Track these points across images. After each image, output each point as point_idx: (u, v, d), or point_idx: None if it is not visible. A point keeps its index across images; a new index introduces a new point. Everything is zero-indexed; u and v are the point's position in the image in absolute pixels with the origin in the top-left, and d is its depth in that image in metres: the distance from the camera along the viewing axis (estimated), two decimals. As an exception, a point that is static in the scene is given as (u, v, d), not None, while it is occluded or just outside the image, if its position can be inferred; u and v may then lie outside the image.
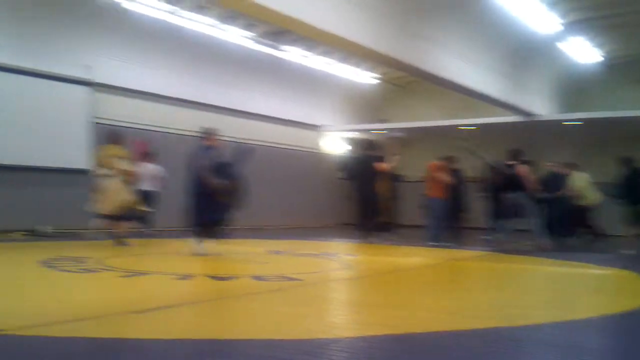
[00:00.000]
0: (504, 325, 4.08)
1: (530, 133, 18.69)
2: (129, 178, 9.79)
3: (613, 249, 11.92)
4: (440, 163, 11.53)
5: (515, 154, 11.14)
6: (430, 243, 11.09)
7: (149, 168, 13.14)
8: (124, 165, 9.65)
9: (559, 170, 13.16)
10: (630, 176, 11.80)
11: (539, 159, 15.20)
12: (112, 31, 13.66)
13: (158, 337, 3.44)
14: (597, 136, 18.51)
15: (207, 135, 8.94)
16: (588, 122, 17.10)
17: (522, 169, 10.82)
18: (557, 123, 17.84)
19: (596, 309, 5.04)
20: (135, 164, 10.10)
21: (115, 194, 9.41)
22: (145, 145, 12.08)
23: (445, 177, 11.26)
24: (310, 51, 16.89)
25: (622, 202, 11.89)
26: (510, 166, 10.99)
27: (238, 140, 16.87)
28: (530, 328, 4.04)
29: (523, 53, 15.56)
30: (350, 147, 17.57)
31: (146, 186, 12.85)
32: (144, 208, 10.04)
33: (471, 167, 12.98)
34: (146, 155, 13.25)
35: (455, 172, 11.82)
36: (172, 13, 13.27)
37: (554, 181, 12.73)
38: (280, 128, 18.78)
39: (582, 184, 13.11)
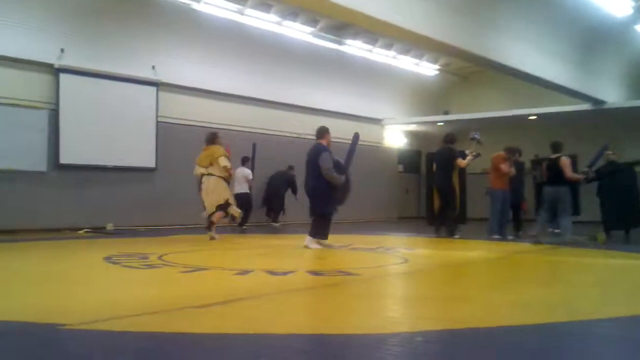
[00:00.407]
0: (566, 319, 3.93)
1: (600, 121, 18.06)
2: (229, 176, 10.38)
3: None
4: (503, 154, 11.26)
5: (556, 147, 10.78)
6: (494, 236, 10.86)
7: (244, 171, 13.50)
8: (227, 163, 10.12)
9: (617, 159, 12.59)
10: None
11: (612, 148, 14.65)
12: (177, 31, 13.96)
13: (216, 332, 3.47)
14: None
15: (322, 134, 9.52)
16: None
17: (564, 162, 10.42)
18: (629, 110, 17.11)
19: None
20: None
21: (217, 192, 10.00)
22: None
23: (508, 169, 10.99)
24: (372, 44, 16.81)
25: None
26: (553, 159, 10.59)
27: (301, 136, 17.07)
28: (595, 323, 3.88)
29: (592, 38, 14.98)
30: (407, 140, 17.42)
31: (239, 189, 13.24)
32: (237, 209, 10.48)
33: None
34: (243, 159, 13.79)
35: (517, 164, 11.52)
36: (236, 12, 13.47)
37: (613, 171, 12.22)
38: (343, 122, 18.71)
39: None
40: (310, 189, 8.99)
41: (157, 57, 13.78)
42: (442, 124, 19.65)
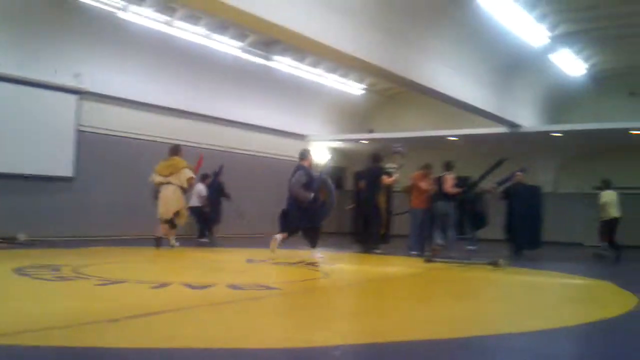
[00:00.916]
0: (480, 334, 4.06)
1: (516, 144, 18.80)
2: (189, 187, 11.02)
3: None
4: (421, 172, 11.63)
5: (447, 166, 11.66)
6: (412, 252, 11.13)
7: (198, 187, 13.28)
8: (191, 174, 10.85)
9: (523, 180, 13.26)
10: None
11: (529, 170, 15.31)
12: (103, 40, 13.58)
13: (131, 346, 3.39)
14: (582, 147, 18.66)
15: (304, 156, 10.58)
16: (573, 133, 17.20)
17: (446, 178, 11.30)
18: (543, 134, 17.92)
19: (573, 317, 5.03)
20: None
21: (171, 201, 10.54)
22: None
23: (427, 186, 11.46)
24: (299, 61, 16.94)
25: None
26: (439, 177, 11.44)
27: (226, 149, 16.96)
28: (506, 337, 4.03)
29: (511, 65, 15.64)
30: (330, 157, 17.63)
31: (191, 202, 13.05)
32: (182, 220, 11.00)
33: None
34: (204, 176, 13.76)
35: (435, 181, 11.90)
36: (164, 23, 13.28)
37: (520, 191, 12.86)
38: (268, 137, 18.77)
39: (607, 200, 13.14)
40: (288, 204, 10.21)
41: (81, 65, 13.37)
42: (366, 142, 19.97)
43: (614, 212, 13.01)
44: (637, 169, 17.37)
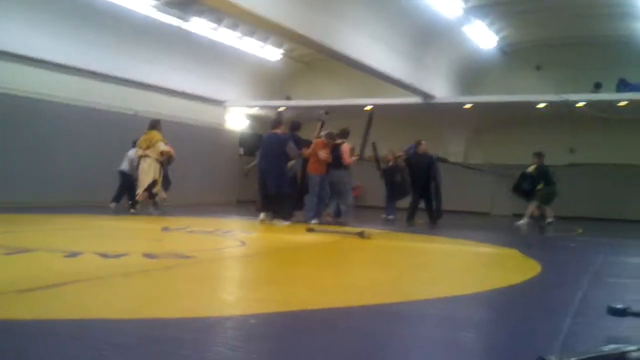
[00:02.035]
0: (395, 301, 4.19)
1: (429, 114, 19.26)
2: (169, 158, 11.76)
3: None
4: (323, 140, 11.52)
5: (343, 133, 11.66)
6: (313, 220, 11.09)
7: (130, 152, 12.79)
8: (164, 147, 11.52)
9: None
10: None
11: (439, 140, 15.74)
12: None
13: (39, 318, 3.28)
14: (491, 119, 19.34)
15: (279, 122, 10.89)
16: (483, 105, 17.78)
17: (345, 147, 11.36)
18: (455, 105, 18.42)
19: (481, 284, 5.27)
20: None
21: (148, 172, 11.36)
22: None
23: (325, 155, 11.23)
24: (216, 23, 16.60)
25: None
26: (336, 145, 11.40)
27: (141, 114, 16.48)
28: (419, 303, 4.18)
29: (427, 35, 15.93)
30: (249, 123, 17.47)
31: (123, 166, 12.78)
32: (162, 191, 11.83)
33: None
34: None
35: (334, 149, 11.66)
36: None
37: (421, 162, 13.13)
38: (184, 102, 18.39)
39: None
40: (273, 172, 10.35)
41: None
42: (283, 108, 19.92)
43: None
44: (542, 142, 18.18)
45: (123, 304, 3.75)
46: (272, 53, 19.47)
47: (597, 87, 17.18)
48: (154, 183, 11.41)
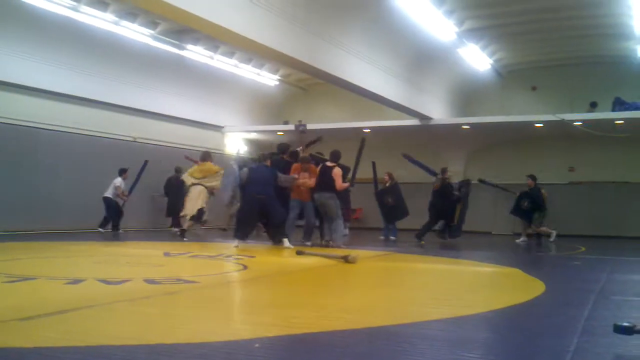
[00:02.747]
0: (396, 322, 4.17)
1: (427, 136, 19.34)
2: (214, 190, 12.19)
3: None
4: (298, 165, 11.36)
5: (334, 155, 11.27)
6: (307, 243, 11.14)
7: (117, 179, 13.64)
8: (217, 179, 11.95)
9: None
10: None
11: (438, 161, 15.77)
12: (5, 23, 12.93)
13: (42, 345, 3.26)
14: (489, 139, 19.42)
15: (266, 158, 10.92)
16: (480, 126, 17.87)
17: (337, 172, 10.95)
18: (452, 127, 18.52)
19: (485, 304, 5.24)
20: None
21: (197, 200, 11.97)
22: None
23: (303, 180, 11.07)
24: (213, 51, 16.73)
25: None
26: (328, 167, 11.05)
27: (139, 140, 16.55)
28: (422, 324, 4.15)
29: (422, 58, 16.06)
30: (248, 148, 17.50)
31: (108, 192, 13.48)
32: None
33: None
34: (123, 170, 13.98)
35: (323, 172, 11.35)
36: (71, 8, 12.76)
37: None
38: (183, 128, 18.46)
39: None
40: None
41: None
42: (282, 133, 19.99)
43: None
44: (540, 161, 18.22)
45: (127, 330, 3.73)
46: (269, 79, 19.60)
47: (593, 106, 17.29)
48: (201, 211, 12.01)
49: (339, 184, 10.86)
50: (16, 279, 5.81)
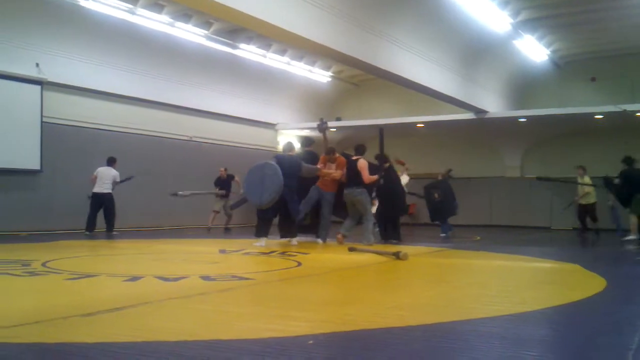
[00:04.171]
0: (451, 319, 4.11)
1: (483, 129, 19.04)
2: None
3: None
4: (323, 156, 11.12)
5: (359, 149, 10.93)
6: (319, 240, 10.83)
7: (111, 172, 12.94)
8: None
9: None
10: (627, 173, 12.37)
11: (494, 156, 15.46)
12: (65, 28, 13.40)
13: (103, 341, 3.35)
14: (547, 132, 18.97)
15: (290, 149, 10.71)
16: (538, 118, 17.48)
17: (362, 163, 10.56)
18: (509, 120, 18.18)
19: (543, 301, 5.13)
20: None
21: None
22: None
23: (330, 171, 10.77)
24: (265, 49, 16.86)
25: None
26: (353, 161, 10.70)
27: (195, 139, 16.86)
28: (477, 322, 4.09)
29: (476, 51, 15.80)
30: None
31: (101, 189, 12.72)
32: None
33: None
34: (109, 160, 13.24)
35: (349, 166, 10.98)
36: (127, 11, 13.08)
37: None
38: (237, 126, 18.69)
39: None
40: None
41: (42, 54, 13.15)
42: (334, 129, 19.99)
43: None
44: (600, 153, 17.69)
45: (183, 326, 3.80)
46: (321, 75, 19.62)
47: (656, 95, 16.68)
48: None
49: (366, 176, 10.49)
50: (78, 276, 6.00)
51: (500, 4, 13.22)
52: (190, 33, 14.70)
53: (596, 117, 16.74)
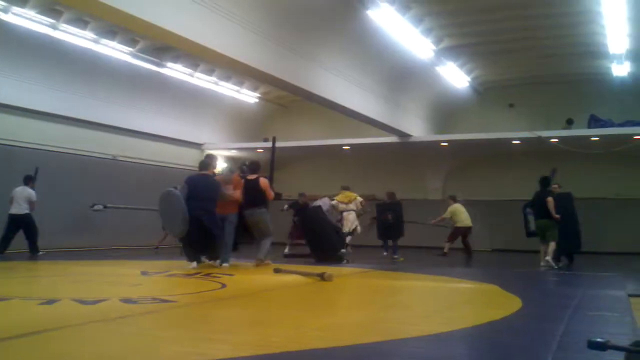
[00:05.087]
0: (375, 340, 4.17)
1: (407, 152, 19.46)
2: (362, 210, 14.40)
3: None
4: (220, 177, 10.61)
5: (254, 168, 10.61)
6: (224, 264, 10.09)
7: (26, 191, 12.39)
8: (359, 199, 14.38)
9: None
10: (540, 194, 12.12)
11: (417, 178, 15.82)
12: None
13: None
14: (468, 155, 19.59)
15: (208, 165, 10.13)
16: (459, 143, 18.03)
17: (264, 182, 10.29)
18: (432, 144, 18.68)
19: (463, 321, 5.27)
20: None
21: (354, 222, 14.06)
22: None
23: (230, 192, 10.19)
24: (193, 68, 16.74)
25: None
26: (251, 180, 10.32)
27: (118, 159, 16.47)
28: (400, 342, 4.16)
29: (400, 75, 16.20)
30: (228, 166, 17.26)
31: (18, 209, 12.22)
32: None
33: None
34: (25, 179, 12.63)
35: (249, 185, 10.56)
36: (49, 26, 12.70)
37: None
38: (162, 145, 18.40)
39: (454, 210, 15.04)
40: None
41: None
42: (262, 150, 19.99)
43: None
44: (518, 176, 18.39)
45: (103, 351, 3.69)
46: (248, 96, 19.64)
47: (569, 123, 17.53)
48: (355, 230, 13.97)
49: (270, 194, 10.28)
50: (-10, 299, 5.73)
51: (423, 32, 13.63)
52: (116, 50, 14.41)
53: (514, 142, 17.43)
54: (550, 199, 11.72)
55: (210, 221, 9.49)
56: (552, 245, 11.54)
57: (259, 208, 10.23)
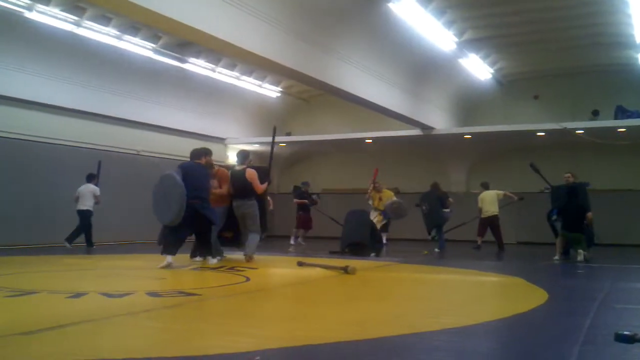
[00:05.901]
0: (399, 333, 4.16)
1: (429, 145, 19.36)
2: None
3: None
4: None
5: (243, 157, 10.14)
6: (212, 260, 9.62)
7: (89, 187, 13.03)
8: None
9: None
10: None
11: (441, 171, 15.70)
12: (9, 40, 12.97)
13: (45, 360, 3.27)
14: (492, 148, 19.42)
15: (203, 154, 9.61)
16: (482, 135, 17.87)
17: (251, 173, 9.77)
18: (454, 136, 18.54)
19: (488, 314, 5.23)
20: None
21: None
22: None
23: (215, 186, 9.79)
24: (214, 63, 16.79)
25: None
26: (239, 171, 9.90)
27: (142, 154, 16.62)
28: (424, 335, 4.15)
29: (423, 68, 16.10)
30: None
31: (83, 206, 12.95)
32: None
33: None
34: (88, 176, 13.30)
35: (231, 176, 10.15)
36: (73, 23, 12.83)
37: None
38: (185, 140, 18.45)
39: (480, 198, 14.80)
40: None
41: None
42: (284, 144, 20.03)
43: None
44: (542, 169, 18.19)
45: (128, 344, 3.73)
46: (270, 90, 19.66)
47: (595, 114, 17.29)
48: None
49: (258, 186, 9.74)
50: (17, 293, 5.82)
51: (445, 24, 13.52)
52: (138, 46, 14.51)
53: (538, 134, 17.24)
54: (590, 215, 11.75)
55: (205, 209, 8.97)
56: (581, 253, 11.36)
57: (249, 200, 9.75)
